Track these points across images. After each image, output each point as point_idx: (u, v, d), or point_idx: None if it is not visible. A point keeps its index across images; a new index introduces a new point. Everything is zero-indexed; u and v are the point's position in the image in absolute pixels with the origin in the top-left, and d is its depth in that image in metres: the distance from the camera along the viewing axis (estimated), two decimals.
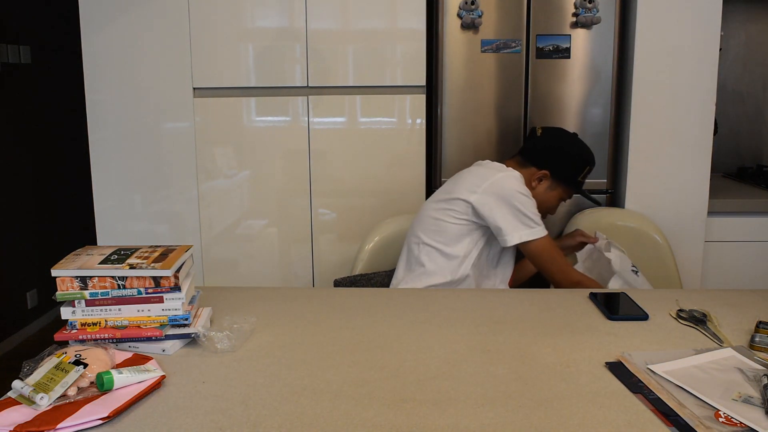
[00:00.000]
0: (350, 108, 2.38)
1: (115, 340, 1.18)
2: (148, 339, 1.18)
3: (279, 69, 2.35)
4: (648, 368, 1.08)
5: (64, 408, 0.96)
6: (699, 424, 0.91)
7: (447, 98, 2.33)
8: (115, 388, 1.01)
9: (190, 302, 1.27)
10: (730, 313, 1.38)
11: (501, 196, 1.73)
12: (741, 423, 0.91)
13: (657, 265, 2.21)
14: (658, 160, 2.32)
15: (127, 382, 1.03)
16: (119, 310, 1.19)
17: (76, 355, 1.06)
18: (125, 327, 1.19)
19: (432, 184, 2.40)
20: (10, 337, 3.44)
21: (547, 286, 2.25)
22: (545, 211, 1.87)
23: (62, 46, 3.79)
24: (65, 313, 1.18)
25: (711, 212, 2.34)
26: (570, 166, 1.87)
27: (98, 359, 1.06)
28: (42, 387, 0.98)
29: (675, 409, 0.96)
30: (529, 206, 1.74)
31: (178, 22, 2.32)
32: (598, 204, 2.01)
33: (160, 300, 1.19)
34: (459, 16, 2.28)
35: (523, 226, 1.72)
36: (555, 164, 1.86)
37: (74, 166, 3.90)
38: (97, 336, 1.17)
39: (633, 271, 1.84)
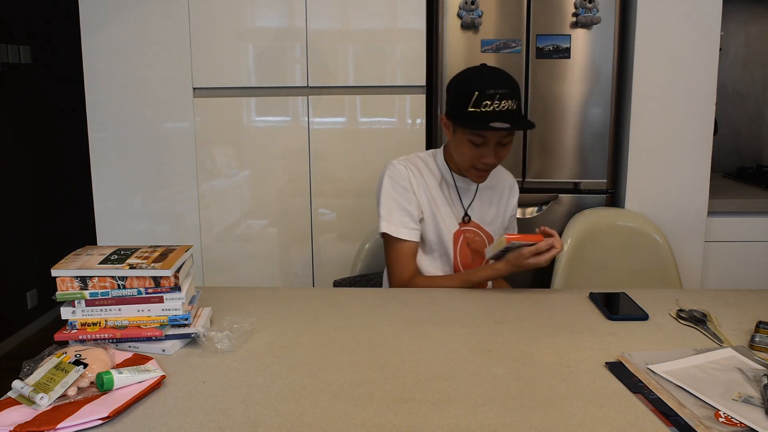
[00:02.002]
0: (350, 108, 2.38)
1: (115, 340, 1.18)
2: (148, 339, 1.18)
3: (279, 69, 2.35)
4: (648, 368, 1.08)
5: (64, 408, 0.96)
6: (699, 424, 0.91)
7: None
8: (115, 388, 1.01)
9: (190, 302, 1.27)
10: (730, 313, 1.38)
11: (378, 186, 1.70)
12: (741, 423, 0.91)
13: (657, 265, 2.21)
14: (658, 160, 2.32)
15: (127, 382, 1.03)
16: (119, 310, 1.18)
17: (76, 355, 1.06)
18: (125, 327, 1.19)
19: None
20: (10, 337, 3.44)
21: (548, 286, 2.25)
22: (466, 161, 1.62)
23: (62, 46, 3.79)
24: (65, 313, 1.18)
25: (711, 212, 2.34)
26: (453, 99, 1.60)
27: (98, 359, 1.06)
28: (42, 387, 0.98)
29: (675, 409, 0.96)
30: (386, 197, 1.65)
31: (178, 22, 2.32)
32: (532, 126, 1.62)
33: (160, 300, 1.19)
34: (459, 16, 2.28)
35: (379, 217, 1.66)
36: (447, 105, 1.64)
37: (74, 166, 3.90)
38: (97, 336, 1.17)
39: None
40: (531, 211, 2.39)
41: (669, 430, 0.92)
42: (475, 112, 1.54)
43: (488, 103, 1.53)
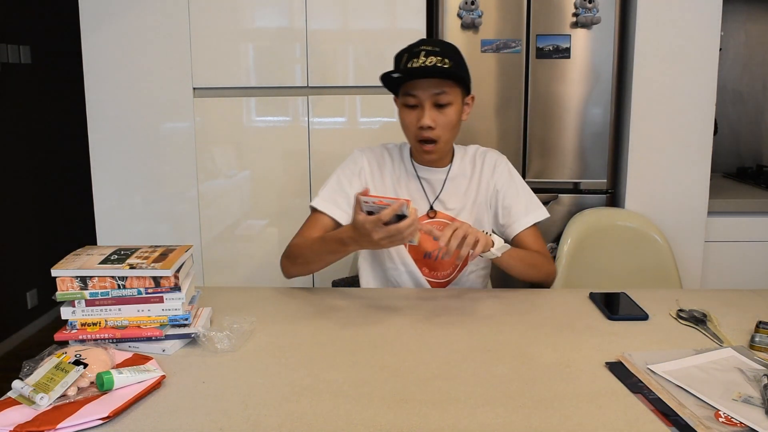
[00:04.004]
0: (350, 108, 2.38)
1: (115, 340, 1.18)
2: (148, 339, 1.18)
3: (279, 69, 2.35)
4: (648, 368, 1.08)
5: (64, 408, 0.96)
6: (699, 424, 0.91)
7: None
8: (115, 388, 1.01)
9: (190, 302, 1.27)
10: (730, 313, 1.38)
11: None
12: (741, 423, 0.91)
13: (657, 265, 2.21)
14: (658, 160, 2.32)
15: (127, 382, 1.03)
16: (119, 310, 1.18)
17: (76, 355, 1.06)
18: (125, 327, 1.19)
19: None
20: (10, 337, 3.44)
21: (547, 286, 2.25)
22: (409, 132, 1.56)
23: (62, 46, 3.79)
24: (65, 313, 1.18)
25: (711, 212, 2.34)
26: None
27: (98, 359, 1.06)
28: (42, 387, 0.98)
29: (675, 409, 0.96)
30: (333, 177, 1.63)
31: (178, 22, 2.32)
32: (454, 73, 1.48)
33: (160, 300, 1.19)
34: (459, 16, 2.28)
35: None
36: None
37: (74, 166, 3.90)
38: (97, 336, 1.17)
39: None
40: None
41: (669, 430, 0.92)
42: (402, 72, 1.50)
43: (415, 60, 1.47)
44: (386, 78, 1.54)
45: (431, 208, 1.62)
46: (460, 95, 1.53)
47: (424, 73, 1.47)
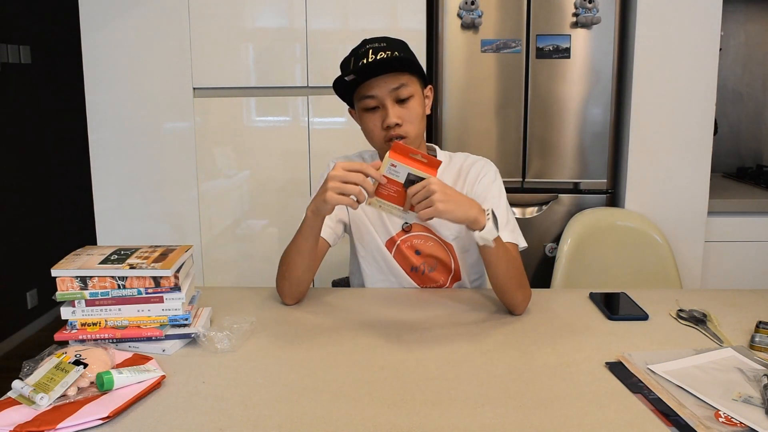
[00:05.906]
0: None
1: (115, 340, 1.18)
2: (148, 339, 1.18)
3: (279, 69, 2.35)
4: (648, 368, 1.08)
5: (64, 408, 0.96)
6: (699, 424, 0.91)
7: (447, 98, 2.33)
8: (115, 388, 1.01)
9: (190, 302, 1.27)
10: (730, 313, 1.38)
11: None
12: (741, 423, 0.91)
13: (657, 265, 2.21)
14: (658, 160, 2.32)
15: (127, 382, 1.03)
16: (119, 310, 1.18)
17: (76, 355, 1.06)
18: (125, 327, 1.19)
19: None
20: (10, 337, 3.44)
21: (548, 286, 2.25)
22: (377, 137, 1.45)
23: (62, 46, 3.79)
24: (65, 313, 1.18)
25: (711, 212, 2.34)
26: (339, 80, 1.46)
27: (98, 359, 1.06)
28: (42, 387, 0.98)
29: (675, 409, 0.96)
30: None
31: (178, 22, 2.32)
32: (405, 60, 1.39)
33: (160, 300, 1.19)
34: (459, 16, 2.28)
35: None
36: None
37: (74, 166, 3.90)
38: (97, 336, 1.17)
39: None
40: (531, 211, 2.39)
41: (669, 430, 0.92)
42: (348, 82, 1.39)
43: (363, 60, 1.38)
44: (339, 87, 1.45)
45: (406, 222, 1.54)
46: (419, 86, 1.44)
47: (380, 68, 1.37)
